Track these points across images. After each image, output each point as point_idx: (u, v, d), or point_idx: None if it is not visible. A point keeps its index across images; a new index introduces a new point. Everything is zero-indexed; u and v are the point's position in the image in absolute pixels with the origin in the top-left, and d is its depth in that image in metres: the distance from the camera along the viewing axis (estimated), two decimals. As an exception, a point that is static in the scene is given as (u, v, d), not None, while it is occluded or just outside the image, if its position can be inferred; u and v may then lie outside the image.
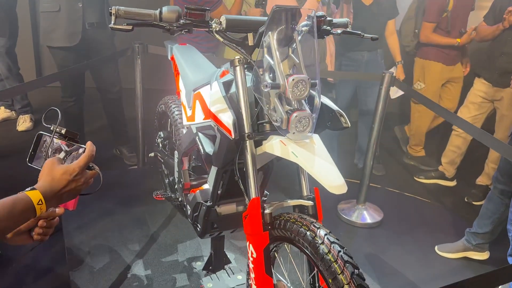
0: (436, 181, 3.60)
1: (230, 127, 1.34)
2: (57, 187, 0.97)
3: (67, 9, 2.81)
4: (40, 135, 1.08)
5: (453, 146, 3.47)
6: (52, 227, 1.07)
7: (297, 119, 1.26)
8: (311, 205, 1.44)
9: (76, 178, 1.01)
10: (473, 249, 2.60)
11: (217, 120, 1.41)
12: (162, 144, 2.47)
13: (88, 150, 1.06)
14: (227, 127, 1.35)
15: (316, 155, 1.26)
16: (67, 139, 1.09)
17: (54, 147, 1.09)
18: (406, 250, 2.66)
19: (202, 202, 1.76)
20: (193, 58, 2.18)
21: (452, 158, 3.50)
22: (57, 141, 1.08)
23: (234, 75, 1.40)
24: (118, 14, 1.28)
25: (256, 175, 1.39)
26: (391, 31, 3.34)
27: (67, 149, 1.09)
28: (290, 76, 1.26)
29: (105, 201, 2.71)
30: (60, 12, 2.82)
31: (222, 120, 1.38)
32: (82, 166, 1.03)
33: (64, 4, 2.81)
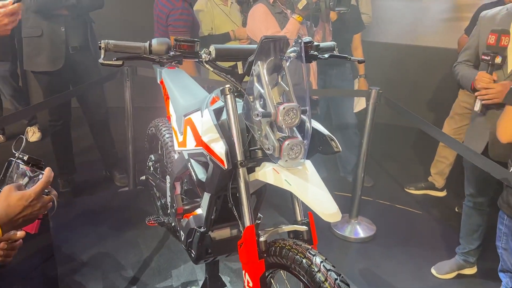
0: (426, 191, 3.64)
1: (222, 157, 1.35)
2: (12, 213, 1.01)
3: (50, 34, 2.80)
4: (10, 161, 1.13)
5: (441, 157, 3.51)
6: (14, 249, 1.15)
7: (289, 146, 1.27)
8: (306, 230, 1.45)
9: (32, 204, 1.04)
10: (468, 266, 2.61)
11: (209, 150, 1.41)
12: (154, 167, 2.46)
13: (45, 176, 1.09)
14: (219, 157, 1.36)
15: (309, 182, 1.27)
16: (30, 165, 1.13)
17: (19, 173, 1.14)
18: (400, 264, 2.67)
19: (196, 228, 1.76)
20: (183, 82, 2.18)
21: (441, 168, 3.54)
22: (22, 167, 1.13)
23: (225, 103, 1.41)
24: (107, 48, 1.29)
25: (250, 203, 1.40)
26: (356, 45, 3.43)
27: (30, 174, 1.14)
28: (281, 105, 1.28)
29: (96, 226, 2.68)
30: (42, 37, 2.80)
31: (215, 150, 1.38)
32: (38, 192, 1.05)
33: (46, 29, 2.79)
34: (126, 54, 1.32)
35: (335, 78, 3.37)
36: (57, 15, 2.79)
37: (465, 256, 2.60)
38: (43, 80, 2.96)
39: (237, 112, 1.41)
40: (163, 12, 2.82)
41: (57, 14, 2.79)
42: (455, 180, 3.65)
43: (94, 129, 3.36)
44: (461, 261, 2.62)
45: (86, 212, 2.84)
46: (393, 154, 4.48)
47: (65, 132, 3.18)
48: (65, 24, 2.83)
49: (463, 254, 2.60)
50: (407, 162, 4.31)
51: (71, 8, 2.79)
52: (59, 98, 2.75)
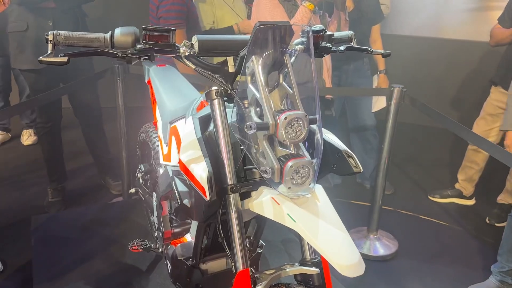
0: (453, 200, 3.28)
1: (204, 185, 1.03)
2: None
3: (35, 28, 2.54)
4: None
5: (470, 162, 3.15)
6: None
7: (293, 169, 0.95)
8: (317, 273, 1.13)
9: None
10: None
11: (188, 173, 1.10)
12: (143, 178, 2.17)
13: None
14: (200, 184, 1.04)
15: (320, 218, 0.95)
16: None
17: None
18: (425, 285, 2.33)
19: (184, 259, 1.45)
20: (173, 82, 1.88)
21: (470, 175, 3.18)
22: None
23: (212, 110, 1.10)
24: (56, 41, 0.99)
25: (244, 239, 1.08)
26: (375, 38, 3.10)
27: None
28: (282, 114, 0.96)
29: (84, 242, 2.39)
30: (27, 32, 2.54)
31: (194, 173, 1.07)
32: None
33: (32, 23, 2.53)
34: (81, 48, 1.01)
35: (351, 75, 3.06)
36: (44, 8, 2.54)
37: (503, 276, 2.24)
38: (30, 78, 2.70)
39: (226, 122, 1.09)
40: (154, 3, 2.50)
41: (43, 7, 2.53)
42: (485, 188, 3.30)
43: (87, 132, 3.09)
44: (497, 283, 2.26)
45: (75, 226, 2.55)
46: (416, 158, 4.11)
47: (54, 135, 2.90)
48: (53, 17, 2.57)
49: (501, 273, 2.24)
50: (431, 167, 3.93)
51: (59, 0, 2.54)
52: (44, 97, 2.47)
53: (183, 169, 1.11)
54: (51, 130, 2.86)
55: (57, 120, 2.88)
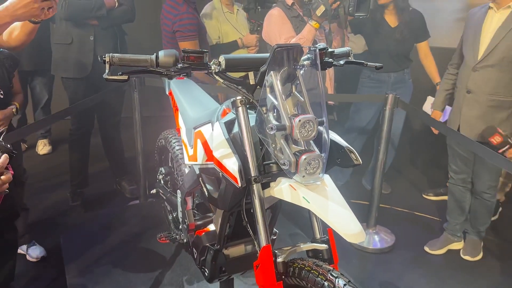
0: (446, 198, 3.50)
1: (236, 175, 1.27)
2: None
3: (79, 42, 2.86)
4: None
5: None
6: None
7: (307, 161, 1.19)
8: (326, 248, 1.36)
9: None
10: (456, 240, 2.82)
11: (221, 166, 1.34)
12: (164, 180, 2.40)
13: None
14: (232, 174, 1.28)
15: (329, 199, 1.19)
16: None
17: None
18: (422, 276, 2.56)
19: (209, 245, 1.68)
20: (192, 93, 2.12)
21: None
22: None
23: (237, 116, 1.34)
24: (112, 62, 1.23)
25: (265, 221, 1.32)
26: (425, 54, 3.18)
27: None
28: (296, 117, 1.20)
29: (107, 241, 2.62)
30: (72, 45, 2.86)
31: (227, 166, 1.31)
32: None
33: (76, 37, 2.86)
34: (133, 68, 1.25)
35: (391, 87, 3.17)
36: (88, 24, 2.87)
37: (453, 231, 2.82)
38: (70, 86, 2.98)
39: (249, 125, 1.33)
40: (169, 19, 2.76)
41: (87, 23, 2.86)
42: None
43: (105, 137, 3.33)
44: (449, 236, 2.84)
45: (97, 227, 2.78)
46: (410, 159, 4.35)
47: (84, 143, 3.15)
48: (94, 33, 2.89)
49: (451, 229, 2.84)
50: (425, 167, 4.18)
51: (101, 19, 2.87)
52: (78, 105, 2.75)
53: (217, 163, 1.35)
54: (82, 137, 3.11)
55: (89, 128, 3.14)
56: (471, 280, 2.54)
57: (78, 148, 3.13)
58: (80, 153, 3.15)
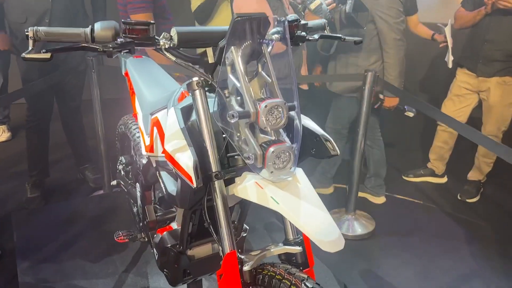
0: (426, 178, 3.42)
1: (190, 172, 1.07)
2: None
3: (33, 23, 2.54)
4: None
5: (440, 142, 3.28)
6: None
7: (275, 154, 1.00)
8: (300, 251, 1.19)
9: None
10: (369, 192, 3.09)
11: (173, 162, 1.13)
12: (124, 170, 2.18)
13: None
14: (186, 172, 1.08)
15: (301, 199, 1.01)
16: None
17: None
18: (403, 262, 2.45)
19: (171, 247, 1.49)
20: (150, 73, 1.89)
21: (441, 154, 3.31)
22: None
23: (194, 101, 1.13)
24: (37, 37, 1.00)
25: (229, 223, 1.13)
26: (415, 24, 2.98)
27: None
28: (262, 102, 1.00)
29: (67, 237, 2.40)
30: (26, 24, 2.56)
31: (180, 162, 1.10)
32: None
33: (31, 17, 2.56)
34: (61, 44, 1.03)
35: None
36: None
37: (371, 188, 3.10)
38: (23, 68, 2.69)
39: (208, 111, 1.13)
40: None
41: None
42: (456, 166, 3.44)
43: (66, 122, 3.08)
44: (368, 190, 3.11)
45: (56, 221, 2.55)
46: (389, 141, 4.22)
47: (42, 130, 2.89)
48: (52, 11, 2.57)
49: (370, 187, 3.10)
50: (404, 149, 4.06)
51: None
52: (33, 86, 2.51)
53: (169, 158, 1.15)
54: (40, 124, 2.85)
55: (47, 114, 2.87)
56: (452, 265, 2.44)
57: (36, 136, 2.88)
58: (39, 141, 2.90)
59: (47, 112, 2.87)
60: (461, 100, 3.09)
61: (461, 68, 3.05)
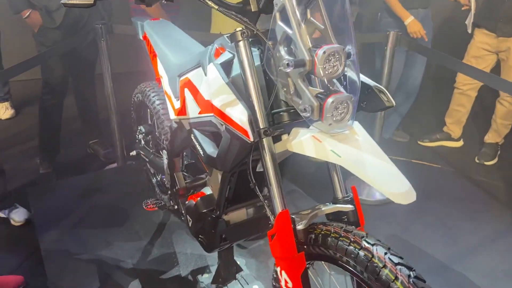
0: (442, 143, 3.37)
1: (246, 127, 1.00)
2: None
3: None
4: None
5: (457, 105, 3.22)
6: None
7: (334, 105, 0.94)
8: (352, 209, 1.14)
9: None
10: None
11: (224, 117, 1.07)
12: (145, 140, 2.11)
13: None
14: (241, 126, 1.01)
15: (364, 151, 0.95)
16: None
17: None
18: (428, 225, 2.43)
19: (206, 212, 1.45)
20: (171, 35, 1.80)
21: (458, 117, 3.26)
22: None
23: (238, 53, 1.06)
24: None
25: (280, 182, 1.08)
26: None
27: None
28: (319, 48, 0.93)
29: (85, 211, 2.35)
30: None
31: (233, 117, 1.04)
32: None
33: None
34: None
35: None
36: None
37: None
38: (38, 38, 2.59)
39: (254, 64, 1.05)
40: None
41: None
42: (472, 129, 3.40)
43: (79, 95, 2.99)
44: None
45: (72, 196, 2.49)
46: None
47: (57, 108, 2.81)
48: None
49: None
50: (418, 114, 4.00)
51: None
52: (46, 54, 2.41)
53: (219, 114, 1.08)
54: (55, 102, 2.77)
55: (63, 91, 2.78)
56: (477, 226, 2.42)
57: (50, 115, 2.80)
58: (53, 119, 2.82)
59: (63, 89, 2.78)
60: (479, 62, 3.01)
61: (479, 29, 2.96)
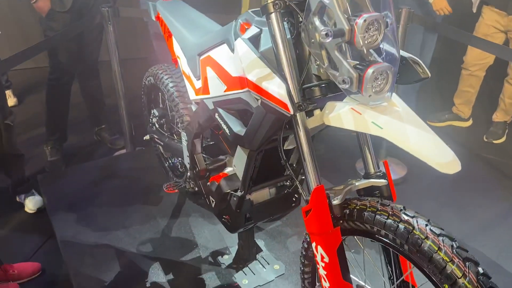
0: (451, 123, 3.36)
1: (285, 100, 0.98)
2: None
3: None
4: None
5: (466, 86, 3.19)
6: None
7: (374, 75, 0.92)
8: (385, 184, 1.13)
9: None
10: None
11: (261, 91, 1.04)
12: (159, 123, 2.09)
13: None
14: (280, 99, 0.99)
15: (405, 122, 0.93)
16: None
17: None
18: (441, 204, 2.44)
19: (231, 192, 1.43)
20: (186, 14, 1.76)
21: (467, 98, 3.24)
22: None
23: (269, 26, 1.03)
24: None
25: (313, 156, 1.06)
26: None
27: None
28: (359, 17, 0.90)
29: (98, 198, 2.32)
30: None
31: (270, 90, 1.02)
32: None
33: None
34: None
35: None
36: None
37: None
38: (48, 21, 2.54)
39: (286, 37, 1.03)
40: None
41: None
42: (480, 108, 3.39)
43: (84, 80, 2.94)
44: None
45: (84, 182, 2.47)
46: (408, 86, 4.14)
47: (65, 93, 2.77)
48: None
49: None
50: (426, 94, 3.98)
51: None
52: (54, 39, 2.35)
53: (254, 88, 1.06)
54: (63, 86, 2.73)
55: (71, 75, 2.75)
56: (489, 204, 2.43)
57: (58, 100, 2.76)
58: (61, 105, 2.78)
59: (70, 73, 2.74)
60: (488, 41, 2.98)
61: (488, 6, 2.93)
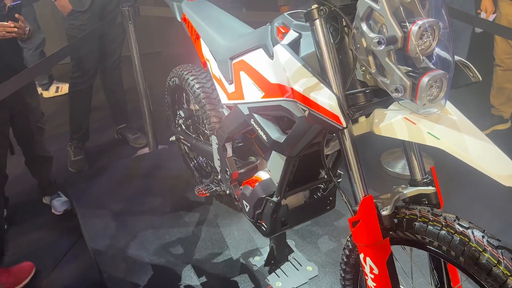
0: (495, 127, 3.08)
1: (337, 112, 0.95)
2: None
3: None
4: None
5: (504, 82, 2.96)
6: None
7: (430, 84, 0.88)
8: (433, 191, 1.10)
9: None
10: None
11: (309, 103, 1.01)
12: (185, 124, 2.07)
13: None
14: (331, 112, 0.96)
15: (463, 133, 0.90)
16: None
17: None
18: (472, 198, 2.37)
19: (266, 197, 1.41)
20: (213, 15, 1.73)
21: (506, 95, 3.00)
22: None
23: (314, 32, 1.00)
24: None
25: (360, 165, 1.03)
26: None
27: None
28: (413, 24, 0.86)
29: (125, 198, 2.32)
30: None
31: (319, 102, 0.98)
32: None
33: None
34: None
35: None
36: None
37: None
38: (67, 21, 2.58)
39: (332, 44, 0.99)
40: None
41: None
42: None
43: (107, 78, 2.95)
44: None
45: (109, 184, 2.47)
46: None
47: (88, 92, 2.79)
48: None
49: None
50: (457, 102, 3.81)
51: None
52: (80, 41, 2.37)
53: (301, 99, 1.02)
54: (86, 85, 2.75)
55: (94, 74, 2.76)
56: None
57: (81, 99, 2.78)
58: (83, 104, 2.80)
59: (93, 72, 2.75)
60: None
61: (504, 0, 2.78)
